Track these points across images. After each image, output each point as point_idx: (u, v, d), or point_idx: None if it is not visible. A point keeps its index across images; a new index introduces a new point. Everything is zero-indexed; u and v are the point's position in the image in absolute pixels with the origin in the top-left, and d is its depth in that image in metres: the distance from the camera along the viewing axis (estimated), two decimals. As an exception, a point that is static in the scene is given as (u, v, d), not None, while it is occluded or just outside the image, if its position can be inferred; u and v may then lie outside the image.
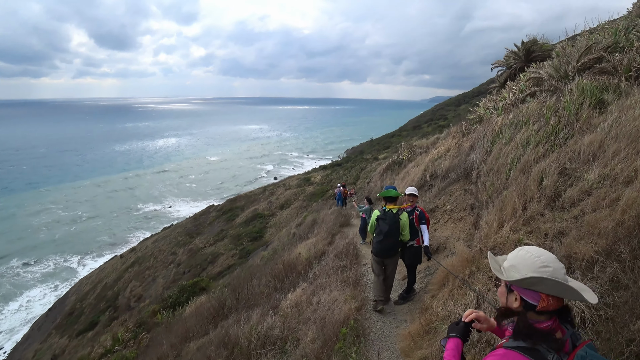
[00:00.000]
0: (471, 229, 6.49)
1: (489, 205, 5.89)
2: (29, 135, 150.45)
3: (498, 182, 6.18)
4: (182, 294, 15.56)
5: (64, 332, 24.67)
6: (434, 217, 8.35)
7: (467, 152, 8.89)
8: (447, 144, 12.50)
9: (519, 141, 6.43)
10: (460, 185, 8.25)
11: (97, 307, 26.46)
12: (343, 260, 8.07)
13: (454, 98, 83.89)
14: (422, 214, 5.77)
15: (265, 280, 9.41)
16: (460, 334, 1.92)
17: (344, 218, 14.23)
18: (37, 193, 66.21)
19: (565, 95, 6.44)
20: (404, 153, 17.93)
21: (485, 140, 7.94)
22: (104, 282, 30.99)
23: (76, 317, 26.37)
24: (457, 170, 8.77)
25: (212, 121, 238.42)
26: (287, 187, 43.14)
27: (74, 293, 32.61)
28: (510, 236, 4.68)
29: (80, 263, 41.46)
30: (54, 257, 42.44)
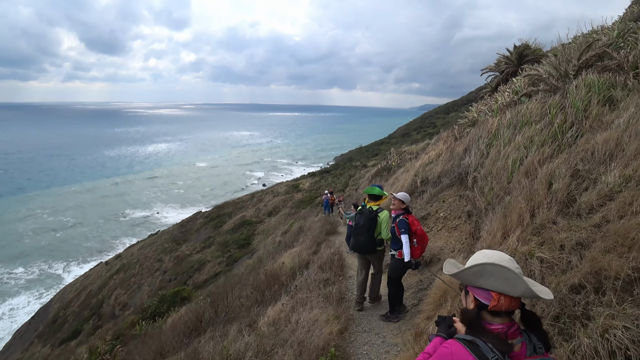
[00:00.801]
0: (469, 238, 5.81)
1: (489, 213, 5.21)
2: (16, 138, 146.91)
3: (498, 187, 5.50)
4: (162, 304, 14.60)
5: (47, 340, 23.97)
6: (426, 225, 7.64)
7: (461, 155, 8.23)
8: (438, 148, 11.87)
9: (521, 142, 5.77)
10: (455, 190, 7.57)
11: (81, 315, 25.73)
12: (327, 272, 7.33)
13: (443, 106, 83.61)
14: (401, 222, 5.04)
15: (247, 291, 8.72)
16: (447, 337, 1.83)
17: (331, 226, 13.50)
18: (25, 198, 64.49)
19: (570, 92, 5.80)
20: (393, 159, 17.29)
21: (480, 142, 7.29)
22: (88, 290, 30.06)
23: (59, 326, 25.58)
24: (451, 175, 8.10)
25: (203, 127, 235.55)
26: (275, 193, 42.36)
27: (57, 300, 31.44)
28: (519, 248, 3.99)
29: (65, 270, 40.16)
30: (39, 264, 41.09)
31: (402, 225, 4.99)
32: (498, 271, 1.55)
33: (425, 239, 5.18)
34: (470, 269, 1.62)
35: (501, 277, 1.56)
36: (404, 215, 5.09)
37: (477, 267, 1.60)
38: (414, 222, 5.06)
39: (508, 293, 1.58)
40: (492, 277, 1.58)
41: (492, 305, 1.59)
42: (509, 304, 1.59)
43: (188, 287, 18.69)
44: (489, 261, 1.58)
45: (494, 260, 1.59)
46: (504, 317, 1.61)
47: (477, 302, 1.65)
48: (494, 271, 1.56)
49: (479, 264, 1.59)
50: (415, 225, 5.05)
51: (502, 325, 1.59)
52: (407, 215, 5.12)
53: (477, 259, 1.66)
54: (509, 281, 1.55)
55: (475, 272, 1.62)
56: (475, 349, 1.51)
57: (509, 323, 1.60)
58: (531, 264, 3.78)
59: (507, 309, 1.59)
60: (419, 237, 5.07)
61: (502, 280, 1.56)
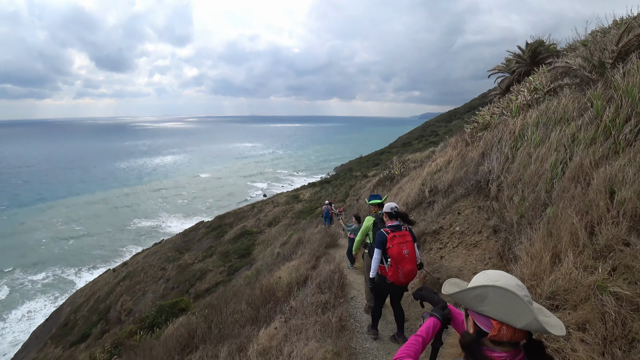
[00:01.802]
0: (495, 258, 4.63)
1: (525, 228, 4.05)
2: (35, 152, 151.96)
3: (533, 196, 4.33)
4: (160, 315, 13.81)
5: (59, 342, 24.64)
6: (439, 241, 6.48)
7: (477, 161, 7.06)
8: (447, 155, 10.70)
9: (559, 141, 4.62)
10: (472, 200, 6.40)
11: (90, 320, 26.18)
12: (326, 293, 6.15)
13: (445, 114, 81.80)
14: (377, 234, 4.38)
15: (242, 306, 7.83)
16: (441, 318, 1.77)
17: (331, 238, 12.28)
18: (44, 206, 67.22)
19: (614, 81, 4.64)
20: (396, 167, 16.09)
21: (502, 144, 6.13)
22: (97, 295, 30.53)
23: (70, 328, 26.23)
24: (466, 183, 6.93)
25: (206, 139, 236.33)
26: (275, 204, 41.37)
27: (69, 304, 32.23)
28: (582, 278, 2.83)
29: (77, 275, 41.48)
30: (54, 269, 42.51)
31: (377, 238, 4.35)
32: (503, 297, 1.33)
33: (402, 263, 4.19)
34: (472, 290, 1.41)
35: (505, 304, 1.33)
36: (386, 229, 4.34)
37: (480, 290, 1.39)
38: (393, 239, 4.22)
39: (511, 324, 1.35)
40: (495, 303, 1.35)
41: (491, 335, 1.39)
42: (512, 335, 1.37)
43: (187, 297, 18.13)
44: (494, 284, 1.36)
45: (499, 283, 1.36)
46: (507, 346, 1.40)
47: (476, 327, 1.45)
48: (498, 296, 1.34)
49: (482, 286, 1.38)
50: (391, 242, 4.22)
51: (505, 354, 1.39)
52: (391, 229, 4.34)
53: (480, 281, 1.45)
54: (514, 310, 1.33)
55: (477, 296, 1.40)
56: None
57: (513, 351, 1.40)
58: (604, 302, 2.64)
59: (509, 340, 1.38)
60: (393, 258, 4.20)
61: (507, 308, 1.33)
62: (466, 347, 1.45)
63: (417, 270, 4.36)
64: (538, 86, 7.87)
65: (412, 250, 4.26)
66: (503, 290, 1.33)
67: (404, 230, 4.37)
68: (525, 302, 1.32)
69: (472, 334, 1.47)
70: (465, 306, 1.51)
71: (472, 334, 1.47)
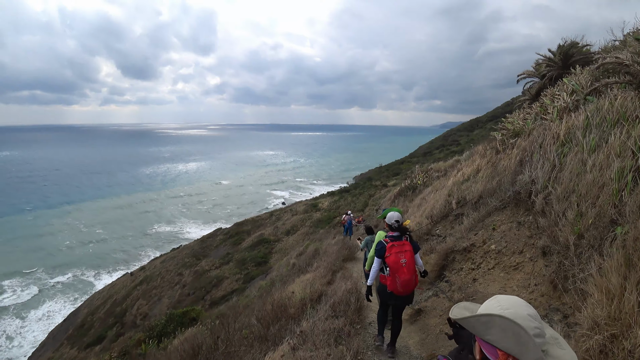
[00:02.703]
0: (545, 287, 3.79)
1: (587, 252, 3.23)
2: (62, 157, 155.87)
3: (594, 212, 3.49)
4: (170, 324, 13.16)
5: (75, 343, 24.69)
6: (470, 260, 5.63)
7: (513, 169, 6.19)
8: (474, 164, 9.81)
9: (622, 144, 3.77)
10: (509, 215, 5.54)
11: (106, 322, 26.28)
12: (340, 318, 5.37)
13: (467, 123, 79.68)
14: (378, 244, 4.44)
15: (252, 320, 7.29)
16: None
17: (348, 251, 11.47)
18: (68, 209, 68.47)
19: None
20: (419, 177, 15.17)
21: (545, 150, 5.28)
22: (113, 298, 30.71)
23: (86, 330, 26.37)
24: (501, 194, 6.07)
25: (229, 147, 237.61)
26: (294, 212, 40.75)
27: (86, 306, 32.36)
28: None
29: (96, 277, 41.76)
30: (74, 271, 42.87)
31: (376, 247, 4.43)
32: (509, 328, 1.27)
33: (399, 272, 4.20)
34: (479, 317, 1.34)
35: (511, 335, 1.26)
36: (385, 239, 4.39)
37: (486, 318, 1.32)
38: (391, 249, 4.25)
39: (517, 356, 1.27)
40: (501, 333, 1.28)
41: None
42: None
43: (202, 304, 17.60)
44: (501, 313, 1.29)
45: (507, 313, 1.29)
46: None
47: (482, 355, 1.41)
48: (504, 326, 1.27)
49: (488, 314, 1.32)
50: (389, 252, 4.25)
51: None
52: (390, 239, 4.36)
53: (489, 307, 1.38)
54: (520, 343, 1.25)
55: (484, 323, 1.33)
56: None
57: None
58: None
59: None
60: (390, 267, 4.25)
61: (512, 339, 1.26)
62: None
63: (415, 280, 4.29)
64: (575, 87, 7.00)
65: (410, 260, 4.23)
66: (509, 321, 1.27)
67: (404, 240, 4.33)
68: (532, 336, 1.26)
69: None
70: (473, 332, 1.42)
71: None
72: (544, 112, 8.28)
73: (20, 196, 76.59)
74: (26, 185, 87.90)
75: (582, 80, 7.54)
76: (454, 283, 5.51)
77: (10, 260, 44.40)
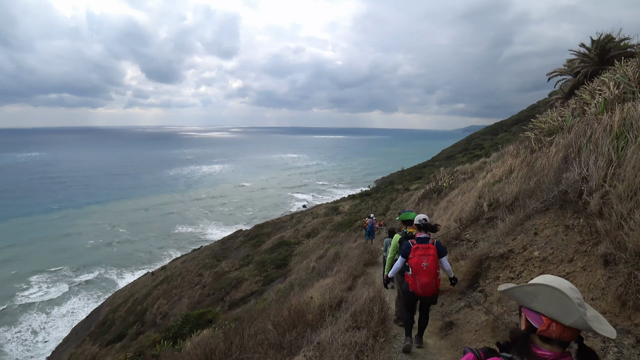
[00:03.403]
0: (610, 302, 3.16)
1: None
2: (88, 158, 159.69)
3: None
4: (185, 325, 12.94)
5: (96, 340, 25.01)
6: (508, 268, 4.99)
7: (557, 167, 5.53)
8: (506, 164, 9.10)
9: None
10: (554, 217, 4.88)
11: (127, 320, 26.54)
12: (362, 329, 4.82)
13: (490, 127, 77.22)
14: (404, 245, 4.49)
15: (268, 325, 6.84)
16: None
17: (370, 255, 10.88)
18: (94, 209, 69.66)
19: None
20: (444, 179, 14.45)
21: (597, 144, 4.61)
22: (135, 297, 30.96)
23: (107, 327, 26.60)
24: (542, 195, 5.42)
25: (251, 149, 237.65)
26: (314, 215, 40.19)
27: (108, 304, 32.69)
28: None
29: (119, 276, 42.18)
30: (98, 270, 43.42)
31: (403, 247, 4.49)
32: (553, 295, 1.38)
33: (419, 274, 4.26)
34: (525, 287, 1.48)
35: (555, 302, 1.38)
36: (412, 240, 4.43)
37: (531, 288, 1.46)
38: (415, 251, 4.31)
39: (560, 320, 1.38)
40: (545, 301, 1.41)
41: (541, 330, 1.43)
42: (561, 332, 1.39)
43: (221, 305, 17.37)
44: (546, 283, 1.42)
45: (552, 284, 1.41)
46: (556, 345, 1.42)
47: (528, 324, 1.49)
48: (549, 294, 1.39)
49: (534, 284, 1.46)
50: (413, 253, 4.31)
51: (551, 353, 1.40)
52: (417, 241, 4.38)
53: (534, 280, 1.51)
54: (562, 308, 1.37)
55: (529, 292, 1.46)
56: None
57: (560, 353, 1.41)
58: None
59: (557, 337, 1.40)
60: (412, 269, 4.32)
61: (556, 305, 1.38)
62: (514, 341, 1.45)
63: (436, 284, 4.31)
64: (621, 79, 6.29)
65: (432, 264, 4.25)
66: (553, 289, 1.37)
67: (430, 244, 4.33)
68: (574, 302, 1.34)
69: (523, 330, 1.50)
70: (519, 303, 1.53)
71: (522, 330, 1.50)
72: (583, 108, 7.60)
73: (48, 196, 78.25)
74: (54, 186, 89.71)
75: (629, 72, 6.82)
76: (490, 293, 4.89)
77: (38, 258, 45.33)
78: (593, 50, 11.73)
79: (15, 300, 35.94)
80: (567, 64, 13.79)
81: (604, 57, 11.56)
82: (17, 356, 28.10)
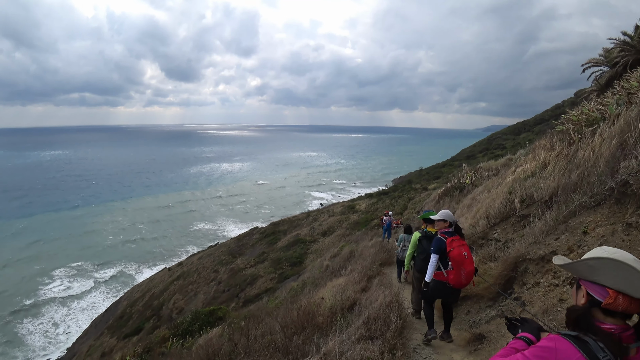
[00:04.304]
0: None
1: None
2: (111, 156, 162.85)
3: None
4: (195, 323, 12.58)
5: (114, 333, 25.24)
6: (550, 272, 4.17)
7: (610, 156, 4.68)
8: (538, 158, 8.19)
9: None
10: (607, 214, 4.04)
11: (144, 314, 26.71)
12: (376, 341, 4.09)
13: (513, 126, 74.80)
14: (435, 240, 4.37)
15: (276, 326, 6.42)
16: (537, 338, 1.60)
17: (386, 254, 10.09)
18: (117, 206, 70.49)
19: None
20: (467, 176, 13.52)
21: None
22: (152, 292, 31.10)
23: (125, 321, 26.83)
24: (590, 188, 4.58)
25: (271, 147, 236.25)
26: (331, 213, 39.51)
27: (126, 298, 33.07)
28: None
29: (137, 271, 42.65)
30: (118, 265, 43.96)
31: (435, 244, 4.36)
32: (619, 269, 1.31)
33: (464, 264, 4.15)
34: (587, 261, 1.40)
35: (622, 274, 1.31)
36: (443, 234, 4.38)
37: (594, 261, 1.38)
38: (452, 243, 4.24)
39: (629, 293, 1.31)
40: (611, 273, 1.33)
41: (606, 303, 1.35)
42: (628, 304, 1.32)
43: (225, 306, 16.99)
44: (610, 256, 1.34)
45: (616, 257, 1.34)
46: (619, 318, 1.35)
47: (589, 297, 1.41)
48: (615, 267, 1.32)
49: (597, 258, 1.37)
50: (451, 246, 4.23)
51: (616, 326, 1.33)
52: (448, 235, 4.35)
53: (595, 253, 1.42)
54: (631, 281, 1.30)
55: (592, 266, 1.39)
56: (584, 346, 1.26)
57: (624, 326, 1.34)
58: None
59: (624, 310, 1.33)
60: (454, 260, 4.17)
61: (624, 278, 1.31)
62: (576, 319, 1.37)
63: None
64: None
65: (469, 252, 4.25)
66: (620, 262, 1.30)
67: (458, 236, 4.33)
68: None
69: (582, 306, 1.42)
70: (579, 276, 1.46)
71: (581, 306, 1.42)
72: (629, 97, 6.70)
73: (73, 193, 79.74)
74: (80, 183, 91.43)
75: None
76: (530, 302, 4.07)
77: (61, 253, 46.19)
78: (636, 37, 10.67)
79: (39, 293, 36.53)
80: (603, 55, 12.70)
81: (648, 45, 10.52)
82: (39, 347, 28.75)
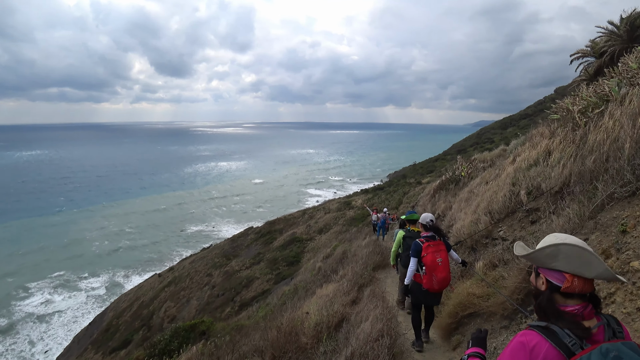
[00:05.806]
0: None
1: None
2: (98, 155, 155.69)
3: None
4: (174, 340, 11.31)
5: (99, 348, 23.72)
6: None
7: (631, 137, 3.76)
8: (540, 146, 7.27)
9: None
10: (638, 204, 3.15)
11: (132, 326, 25.09)
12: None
13: (500, 121, 75.32)
14: (413, 244, 4.38)
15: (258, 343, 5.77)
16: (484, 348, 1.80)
17: (381, 256, 9.11)
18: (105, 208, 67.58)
19: None
20: (462, 168, 12.66)
21: None
22: (140, 300, 29.23)
23: (111, 334, 25.22)
24: (620, 176, 3.67)
25: (268, 145, 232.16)
26: (327, 210, 38.73)
27: (112, 309, 30.97)
28: None
29: (125, 278, 40.39)
30: (105, 272, 41.45)
31: (412, 247, 4.39)
32: (574, 252, 1.42)
33: (436, 270, 4.16)
34: (544, 249, 1.49)
35: (577, 258, 1.42)
36: (421, 239, 4.37)
37: (551, 248, 1.47)
38: (427, 249, 4.23)
39: (583, 274, 1.43)
40: (567, 258, 1.44)
41: (565, 287, 1.45)
42: (583, 285, 1.44)
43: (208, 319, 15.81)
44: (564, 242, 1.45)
45: (569, 241, 1.45)
46: (577, 299, 1.45)
47: (549, 284, 1.51)
48: (570, 252, 1.43)
49: (554, 245, 1.47)
50: (426, 251, 4.23)
51: (577, 306, 1.45)
52: (426, 239, 4.35)
53: (550, 241, 1.51)
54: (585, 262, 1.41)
55: (549, 254, 1.48)
56: (552, 335, 1.35)
57: (583, 304, 1.45)
58: None
59: (580, 290, 1.44)
60: (427, 266, 4.20)
61: (578, 261, 1.42)
62: (541, 306, 1.48)
63: (450, 278, 4.27)
64: None
65: (445, 258, 4.25)
66: (573, 246, 1.41)
67: (438, 240, 4.35)
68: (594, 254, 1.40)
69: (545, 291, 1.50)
70: (538, 264, 1.55)
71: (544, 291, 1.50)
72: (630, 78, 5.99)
73: (54, 196, 74.69)
74: (61, 186, 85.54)
75: None
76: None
77: (41, 263, 42.71)
78: (623, 26, 10.33)
79: (13, 310, 33.56)
80: (589, 45, 12.47)
81: (633, 34, 10.27)
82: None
